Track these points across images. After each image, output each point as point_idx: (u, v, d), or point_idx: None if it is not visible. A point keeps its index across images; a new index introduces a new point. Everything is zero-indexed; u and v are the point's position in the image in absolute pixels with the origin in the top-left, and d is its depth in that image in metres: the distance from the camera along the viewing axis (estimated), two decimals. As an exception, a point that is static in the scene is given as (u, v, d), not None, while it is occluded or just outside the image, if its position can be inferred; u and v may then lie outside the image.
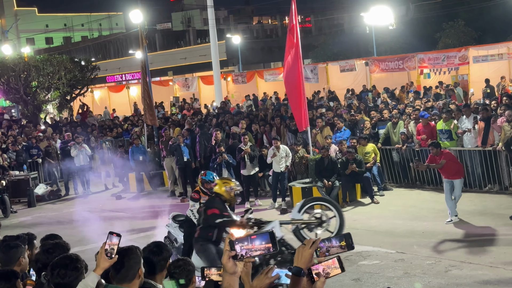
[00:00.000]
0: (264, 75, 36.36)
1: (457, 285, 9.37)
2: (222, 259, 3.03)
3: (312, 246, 3.30)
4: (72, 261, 4.62)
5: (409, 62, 28.66)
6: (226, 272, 3.02)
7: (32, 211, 18.57)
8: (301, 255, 3.31)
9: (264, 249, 2.99)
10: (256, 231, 8.92)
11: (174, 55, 57.00)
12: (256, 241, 2.99)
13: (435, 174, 16.29)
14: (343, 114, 19.73)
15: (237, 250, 2.99)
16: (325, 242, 3.36)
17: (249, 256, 3.01)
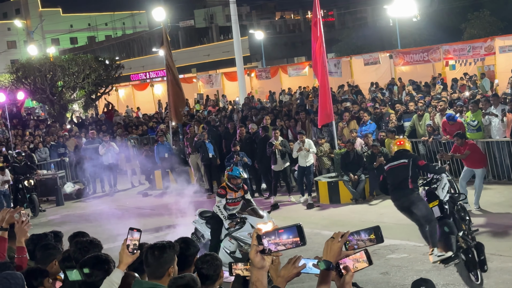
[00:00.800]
0: (288, 70, 36.23)
1: (487, 277, 9.25)
2: (250, 253, 3.01)
3: (341, 239, 3.27)
4: (100, 261, 4.65)
5: (434, 54, 28.33)
6: (254, 267, 3.00)
7: (60, 209, 18.76)
8: (330, 248, 3.28)
9: (292, 243, 2.97)
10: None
11: (197, 52, 57.16)
12: (283, 235, 2.97)
13: (462, 167, 16.09)
14: (368, 107, 19.61)
15: (265, 245, 2.97)
16: (354, 235, 3.32)
17: (277, 250, 2.99)
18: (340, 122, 17.85)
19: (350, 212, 14.84)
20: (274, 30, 71.03)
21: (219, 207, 11.05)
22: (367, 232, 3.29)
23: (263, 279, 3.00)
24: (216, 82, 39.59)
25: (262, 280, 2.99)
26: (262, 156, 17.00)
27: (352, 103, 21.36)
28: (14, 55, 73.53)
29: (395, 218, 13.37)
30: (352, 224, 13.43)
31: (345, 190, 15.73)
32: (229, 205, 11.21)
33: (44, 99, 31.59)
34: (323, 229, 13.17)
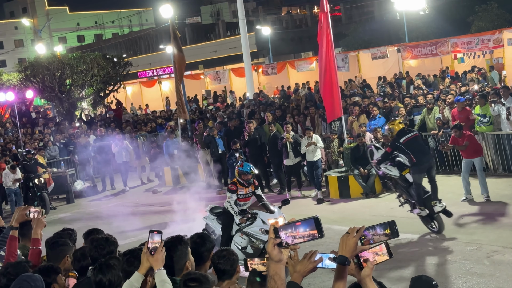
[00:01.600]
0: (296, 65, 36.21)
1: (500, 270, 9.23)
2: (267, 247, 3.01)
3: (356, 235, 3.27)
4: (117, 262, 4.68)
5: (442, 47, 28.24)
6: (272, 260, 3.00)
7: (71, 207, 18.83)
8: (346, 243, 3.28)
9: (309, 235, 2.96)
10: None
11: (204, 49, 57.17)
12: (300, 227, 2.96)
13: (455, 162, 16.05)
14: (377, 101, 19.57)
15: (282, 238, 2.97)
16: (369, 230, 3.31)
17: (294, 243, 2.98)
18: (349, 117, 17.83)
19: (360, 207, 14.81)
20: (280, 26, 70.99)
21: (230, 203, 11.06)
22: (382, 226, 3.28)
23: (281, 273, 3.00)
24: (224, 78, 39.63)
25: (280, 273, 2.99)
26: (273, 151, 17.00)
27: (361, 98, 21.32)
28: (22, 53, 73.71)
29: (406, 212, 13.37)
30: (362, 219, 13.42)
31: (355, 185, 15.71)
32: (239, 201, 11.22)
33: (53, 97, 31.67)
34: (334, 224, 13.15)
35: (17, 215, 6.15)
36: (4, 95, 26.07)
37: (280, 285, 2.97)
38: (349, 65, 32.53)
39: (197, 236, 5.20)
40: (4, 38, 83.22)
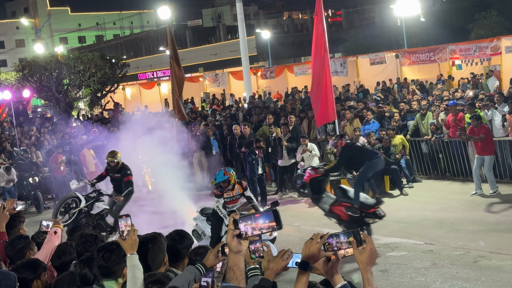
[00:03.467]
0: (294, 70, 36.23)
1: (485, 276, 9.25)
2: (226, 238, 3.04)
3: (320, 241, 3.29)
4: (118, 247, 4.70)
5: (440, 54, 28.26)
6: (231, 251, 3.02)
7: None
8: (308, 249, 3.29)
9: (268, 227, 2.99)
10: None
11: (204, 51, 57.22)
12: (260, 219, 2.99)
13: (465, 166, 16.09)
14: (371, 106, 19.61)
15: (241, 229, 2.99)
16: (334, 238, 3.34)
17: (253, 235, 3.01)
18: (342, 121, 17.87)
19: (352, 211, 14.79)
20: (281, 30, 71.03)
21: (218, 207, 11.07)
22: (346, 235, 3.30)
23: (240, 263, 3.02)
24: (223, 81, 39.65)
25: (239, 264, 3.02)
26: (274, 153, 17.20)
27: (356, 102, 21.35)
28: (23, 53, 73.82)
29: (396, 217, 13.41)
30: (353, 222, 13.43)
31: (347, 189, 15.72)
32: (228, 204, 11.20)
33: (50, 97, 31.71)
34: (324, 227, 13.13)
35: None
36: (1, 94, 26.14)
37: (239, 276, 3.00)
38: (347, 70, 32.56)
39: (176, 233, 5.23)
40: (5, 38, 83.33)
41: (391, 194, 15.77)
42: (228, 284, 2.99)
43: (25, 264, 5.33)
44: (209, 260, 4.30)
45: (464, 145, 15.91)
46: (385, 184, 16.07)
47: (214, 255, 4.21)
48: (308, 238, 3.42)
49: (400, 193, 15.44)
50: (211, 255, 4.27)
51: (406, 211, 13.88)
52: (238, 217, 3.01)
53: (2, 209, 6.09)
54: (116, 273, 4.69)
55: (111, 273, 4.67)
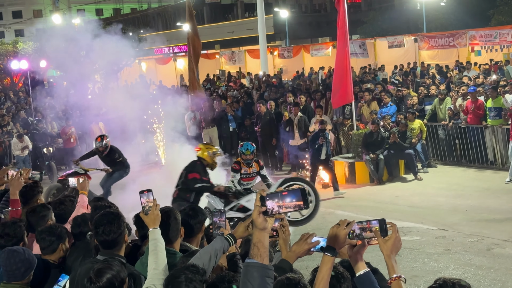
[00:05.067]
0: (310, 50, 36.05)
1: (499, 263, 9.20)
2: (253, 214, 3.01)
3: (347, 227, 3.27)
4: (115, 217, 4.69)
5: (460, 39, 27.96)
6: (256, 228, 2.99)
7: (78, 177, 18.84)
8: (335, 235, 3.27)
9: (295, 206, 2.95)
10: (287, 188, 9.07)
11: (221, 29, 56.95)
12: (287, 198, 2.95)
13: (481, 153, 15.97)
14: (389, 89, 19.46)
15: (268, 206, 2.96)
16: (359, 224, 3.31)
17: (279, 213, 2.98)
18: (359, 103, 17.79)
19: (365, 193, 14.79)
20: (299, 9, 70.41)
21: (233, 182, 11.07)
22: (372, 223, 3.28)
23: (265, 241, 2.99)
24: (239, 59, 39.54)
25: (263, 241, 2.99)
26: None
27: (374, 84, 21.19)
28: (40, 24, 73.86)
29: (410, 202, 13.37)
30: (366, 206, 13.43)
31: (361, 171, 15.68)
32: (243, 180, 11.23)
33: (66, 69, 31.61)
34: (337, 209, 13.17)
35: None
36: (18, 63, 26.16)
37: (263, 253, 2.97)
38: (367, 52, 32.37)
39: (189, 208, 5.23)
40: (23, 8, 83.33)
41: (405, 178, 15.70)
42: (252, 261, 2.97)
43: (50, 228, 5.39)
44: (238, 231, 4.27)
45: (482, 132, 15.77)
46: (400, 168, 15.99)
47: (244, 227, 4.18)
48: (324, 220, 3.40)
49: (415, 178, 15.36)
50: (241, 227, 4.24)
51: (420, 196, 13.81)
52: (266, 194, 2.97)
53: (19, 176, 6.10)
54: (119, 244, 4.71)
55: (115, 244, 4.68)
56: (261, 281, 2.94)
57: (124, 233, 4.72)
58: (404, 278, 3.26)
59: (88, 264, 4.67)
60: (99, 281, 3.96)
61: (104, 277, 3.97)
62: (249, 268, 2.97)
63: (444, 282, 3.07)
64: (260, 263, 2.95)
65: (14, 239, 5.29)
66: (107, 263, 4.10)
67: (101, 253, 4.68)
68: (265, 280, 2.95)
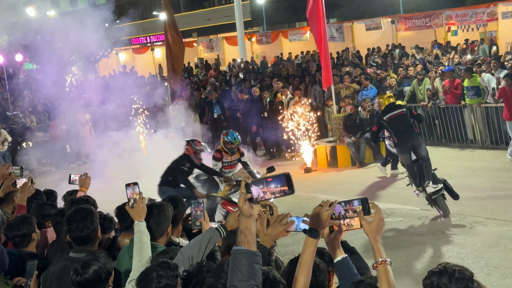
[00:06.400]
0: (289, 35, 36.02)
1: (481, 241, 9.30)
2: (238, 201, 3.00)
3: (329, 208, 3.26)
4: (88, 213, 4.66)
5: (436, 19, 28.06)
6: (243, 215, 2.99)
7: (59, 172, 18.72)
8: (318, 216, 3.26)
9: (280, 191, 2.95)
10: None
11: (198, 16, 56.64)
12: (272, 183, 2.95)
13: (461, 132, 16.10)
14: (369, 72, 19.53)
15: (253, 193, 2.96)
16: (341, 206, 3.32)
17: (265, 199, 2.98)
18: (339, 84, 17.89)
19: (347, 177, 14.85)
20: (276, -5, 70.21)
21: (215, 171, 11.08)
22: (354, 203, 3.28)
23: (252, 227, 2.99)
24: (217, 46, 39.41)
25: (250, 228, 2.99)
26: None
27: (354, 67, 21.26)
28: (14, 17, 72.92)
29: (392, 183, 13.45)
30: (349, 189, 13.47)
31: (343, 155, 15.74)
32: (225, 168, 11.23)
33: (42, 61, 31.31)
34: (320, 193, 13.19)
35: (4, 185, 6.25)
36: (-7, 57, 25.79)
37: (250, 239, 2.97)
38: (344, 35, 32.37)
39: (170, 199, 5.20)
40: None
41: (387, 160, 15.77)
42: (240, 248, 2.96)
43: (19, 220, 5.40)
44: (230, 222, 4.27)
45: (461, 111, 15.90)
46: (381, 149, 16.07)
47: (235, 217, 4.19)
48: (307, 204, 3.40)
49: (397, 159, 15.45)
50: (232, 218, 4.25)
51: (402, 178, 13.90)
52: (250, 181, 2.97)
53: (30, 183, 6.11)
54: (93, 240, 4.69)
55: (89, 240, 4.65)
56: (249, 267, 2.93)
57: (97, 229, 4.70)
58: (390, 262, 3.26)
59: (60, 262, 4.67)
60: (85, 273, 3.98)
61: (91, 268, 3.99)
62: (237, 255, 2.97)
63: (444, 268, 3.06)
64: (248, 250, 2.95)
65: None
66: (93, 255, 4.11)
67: (74, 250, 4.66)
68: (254, 266, 2.95)
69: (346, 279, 3.46)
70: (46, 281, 4.62)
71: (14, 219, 5.50)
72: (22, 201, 6.07)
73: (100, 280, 4.02)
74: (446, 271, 3.02)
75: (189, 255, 4.10)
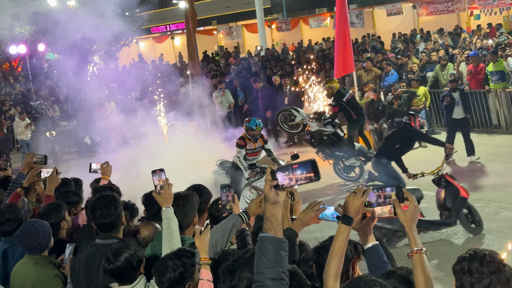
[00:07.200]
0: (309, 22, 35.82)
1: (507, 227, 9.21)
2: (264, 188, 2.99)
3: (363, 196, 3.23)
4: (112, 200, 4.69)
5: (459, 4, 27.71)
6: (269, 202, 2.97)
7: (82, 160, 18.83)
8: (352, 203, 3.22)
9: (306, 178, 2.92)
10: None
11: (217, 4, 56.46)
12: (297, 170, 2.93)
13: (485, 117, 15.91)
14: (390, 58, 19.38)
15: (279, 180, 2.93)
16: (375, 191, 3.27)
17: (291, 186, 2.95)
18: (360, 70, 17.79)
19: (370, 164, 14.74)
20: (295, -19, 69.88)
21: (239, 158, 11.08)
22: (388, 190, 3.24)
23: (278, 214, 2.97)
24: (237, 34, 39.37)
25: (276, 215, 2.97)
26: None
27: (375, 53, 21.09)
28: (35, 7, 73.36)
29: (415, 169, 13.26)
30: (372, 175, 13.38)
31: (368, 142, 15.66)
32: (248, 156, 11.24)
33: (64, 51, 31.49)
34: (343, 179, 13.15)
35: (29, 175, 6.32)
36: (16, 48, 26.03)
37: (276, 226, 2.96)
38: (364, 21, 32.07)
39: (194, 188, 5.18)
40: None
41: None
42: (266, 235, 2.95)
43: (47, 209, 5.48)
44: (252, 208, 4.31)
45: (485, 96, 15.71)
46: (404, 136, 15.93)
47: (257, 203, 4.20)
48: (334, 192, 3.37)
49: (419, 145, 15.31)
50: (253, 204, 4.27)
51: (426, 163, 13.69)
52: (276, 168, 2.95)
53: (56, 173, 6.17)
54: (117, 226, 4.73)
55: (113, 227, 4.70)
56: (275, 254, 2.93)
57: (121, 215, 4.75)
58: (426, 251, 3.21)
59: (87, 248, 4.74)
60: (117, 260, 4.03)
61: (122, 256, 4.03)
62: (263, 242, 2.96)
63: (474, 252, 3.01)
64: (274, 236, 2.94)
65: (16, 223, 5.38)
66: (124, 243, 4.15)
67: (100, 237, 4.72)
68: (280, 253, 2.94)
69: (375, 267, 3.43)
70: (74, 267, 4.67)
71: (43, 209, 5.57)
72: (50, 191, 6.15)
73: (131, 267, 4.06)
74: (477, 256, 2.98)
75: (213, 242, 4.12)
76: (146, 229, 5.04)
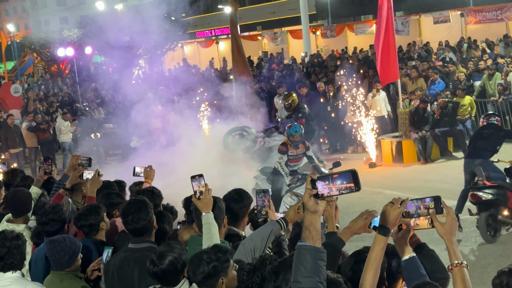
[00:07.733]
0: (354, 28, 35.63)
1: None
2: (304, 197, 2.97)
3: (401, 206, 3.19)
4: (143, 205, 4.75)
5: (508, 12, 27.20)
6: (308, 211, 2.96)
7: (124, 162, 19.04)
8: (389, 214, 3.19)
9: (346, 188, 2.90)
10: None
11: (263, 10, 56.65)
12: (337, 180, 2.90)
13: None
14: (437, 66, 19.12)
15: (319, 189, 2.91)
16: (413, 203, 3.23)
17: (331, 195, 2.93)
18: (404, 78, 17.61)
19: (413, 173, 14.59)
20: (341, -12, 69.63)
21: (280, 164, 11.06)
22: (427, 201, 3.19)
23: (317, 223, 2.96)
24: (282, 40, 39.44)
25: (315, 224, 2.96)
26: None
27: (421, 61, 20.84)
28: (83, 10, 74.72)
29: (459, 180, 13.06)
30: (415, 185, 13.23)
31: (409, 150, 15.48)
32: (290, 162, 11.21)
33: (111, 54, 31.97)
34: (385, 189, 13.02)
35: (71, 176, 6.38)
36: (64, 50, 26.58)
37: (315, 235, 2.94)
38: (409, 29, 31.73)
39: (235, 192, 5.17)
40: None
41: (455, 156, 15.41)
42: (304, 244, 2.94)
43: (86, 210, 5.52)
44: (290, 215, 4.30)
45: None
46: (449, 145, 15.72)
47: (295, 210, 4.20)
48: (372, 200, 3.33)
49: (464, 156, 15.07)
50: (292, 210, 4.28)
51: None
52: (316, 177, 2.93)
53: (98, 175, 6.25)
54: (149, 230, 4.77)
55: (145, 231, 4.75)
56: (313, 263, 2.92)
57: (152, 219, 4.79)
58: (466, 264, 3.15)
59: (120, 253, 4.78)
60: (162, 263, 4.07)
61: (166, 259, 4.07)
62: (302, 251, 2.95)
63: None
64: (312, 246, 2.93)
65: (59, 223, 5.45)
66: (169, 246, 4.19)
67: (132, 241, 4.77)
68: (318, 262, 2.93)
69: (412, 279, 3.38)
70: (108, 272, 4.73)
71: (82, 209, 5.63)
72: (92, 193, 6.22)
73: (176, 270, 4.10)
74: None
75: (251, 247, 4.13)
76: (188, 232, 5.07)
